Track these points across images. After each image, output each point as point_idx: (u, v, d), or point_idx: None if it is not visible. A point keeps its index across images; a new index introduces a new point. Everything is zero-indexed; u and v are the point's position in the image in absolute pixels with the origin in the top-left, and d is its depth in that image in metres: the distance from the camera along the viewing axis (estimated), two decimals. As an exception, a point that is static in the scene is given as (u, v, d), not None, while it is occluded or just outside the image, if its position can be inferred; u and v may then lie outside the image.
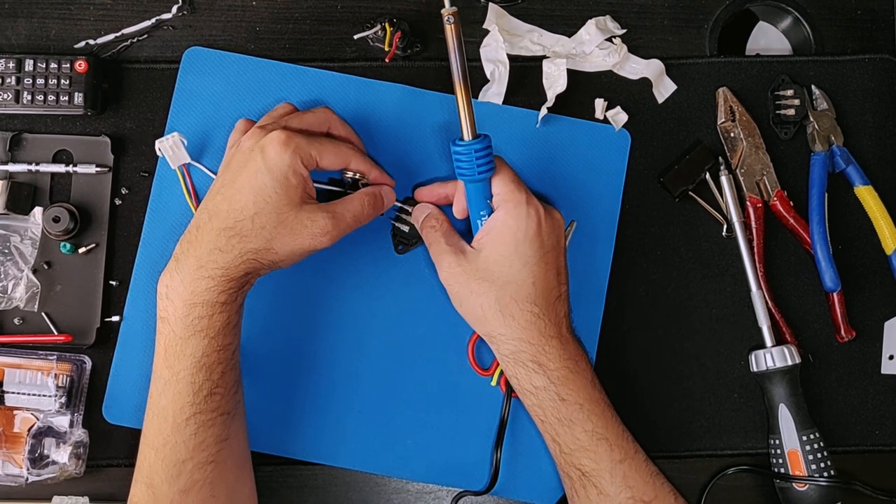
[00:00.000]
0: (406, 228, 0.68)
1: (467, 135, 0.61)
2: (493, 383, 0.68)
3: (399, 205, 0.68)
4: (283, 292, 0.68)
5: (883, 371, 0.73)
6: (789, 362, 0.69)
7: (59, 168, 0.69)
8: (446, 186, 0.67)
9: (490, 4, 0.73)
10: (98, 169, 0.69)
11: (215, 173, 0.68)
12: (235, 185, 0.59)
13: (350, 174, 0.65)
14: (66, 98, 0.68)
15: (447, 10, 0.59)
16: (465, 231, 0.66)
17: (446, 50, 0.59)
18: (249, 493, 0.63)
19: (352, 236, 0.68)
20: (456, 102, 0.60)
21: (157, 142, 0.66)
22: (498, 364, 0.68)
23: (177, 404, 0.58)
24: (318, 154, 0.60)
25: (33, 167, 0.69)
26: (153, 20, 0.72)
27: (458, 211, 0.66)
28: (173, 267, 0.59)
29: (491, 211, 0.63)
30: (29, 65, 0.68)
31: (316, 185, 0.63)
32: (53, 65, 0.68)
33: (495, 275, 0.61)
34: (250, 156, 0.59)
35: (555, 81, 0.70)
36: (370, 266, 0.69)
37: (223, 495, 0.59)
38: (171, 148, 0.66)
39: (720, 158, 0.73)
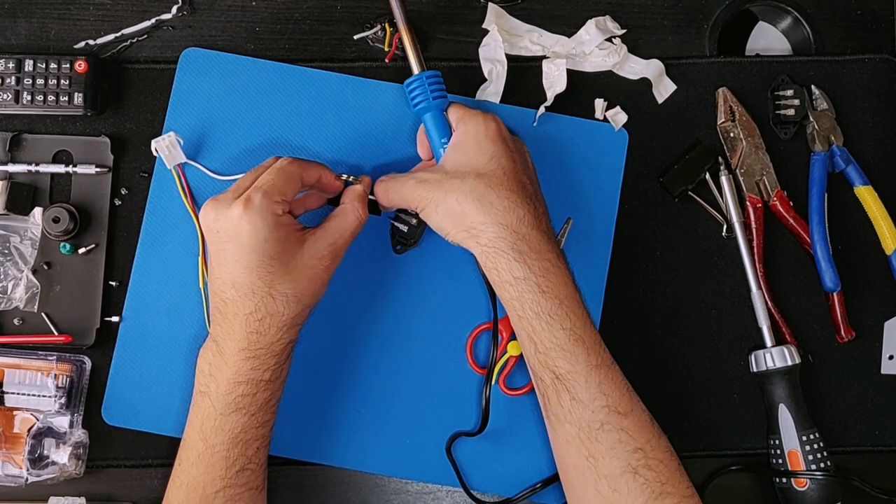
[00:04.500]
0: (405, 228, 0.68)
1: (417, 69, 0.65)
2: (492, 382, 0.68)
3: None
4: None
5: (883, 371, 0.72)
6: (789, 362, 0.69)
7: (59, 168, 0.69)
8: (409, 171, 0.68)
9: (490, 4, 0.73)
10: (98, 169, 0.69)
11: (214, 172, 0.68)
12: (228, 269, 0.57)
13: (344, 176, 0.65)
14: (66, 98, 0.68)
15: None
16: None
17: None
18: None
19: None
20: (403, 44, 0.65)
21: (153, 141, 0.66)
22: (496, 363, 0.68)
23: (209, 476, 0.57)
24: (280, 193, 0.58)
25: (33, 167, 0.69)
26: (153, 20, 0.72)
27: (423, 151, 0.67)
28: (215, 348, 0.59)
29: (451, 135, 0.64)
30: (29, 65, 0.68)
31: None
32: (53, 65, 0.68)
33: (466, 171, 0.61)
34: (221, 238, 0.57)
35: (554, 82, 0.70)
36: (369, 266, 0.69)
37: None
38: (167, 147, 0.67)
39: (720, 158, 0.73)
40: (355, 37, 0.72)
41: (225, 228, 0.57)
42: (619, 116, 0.72)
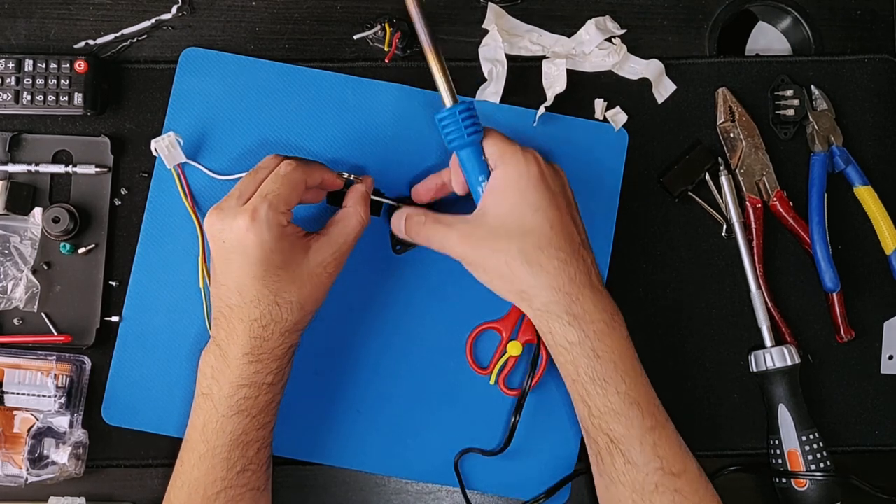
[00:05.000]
0: None
1: (448, 101, 0.61)
2: (492, 382, 0.68)
3: (397, 204, 0.68)
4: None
5: (882, 371, 0.72)
6: (789, 362, 0.69)
7: (59, 168, 0.69)
8: (441, 175, 0.65)
9: (489, 4, 0.73)
10: (98, 169, 0.69)
11: (214, 171, 0.68)
12: (234, 278, 0.58)
13: (346, 174, 0.65)
14: (66, 98, 0.68)
15: None
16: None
17: (412, 22, 0.60)
18: None
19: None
20: (431, 72, 0.60)
21: (153, 141, 0.66)
22: (496, 363, 0.68)
23: (210, 478, 0.58)
24: (285, 203, 0.58)
25: (33, 167, 0.69)
26: (153, 20, 0.72)
27: (458, 185, 0.63)
28: (217, 352, 0.59)
29: (489, 174, 0.61)
30: (29, 65, 0.68)
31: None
32: (53, 65, 0.68)
33: (511, 228, 0.59)
34: (226, 247, 0.57)
35: (554, 82, 0.70)
36: (369, 266, 0.69)
37: None
38: (166, 147, 0.67)
39: (720, 158, 0.73)
40: (355, 37, 0.72)
41: (230, 239, 0.57)
42: (619, 116, 0.72)
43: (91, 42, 0.72)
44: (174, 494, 0.59)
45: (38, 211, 0.68)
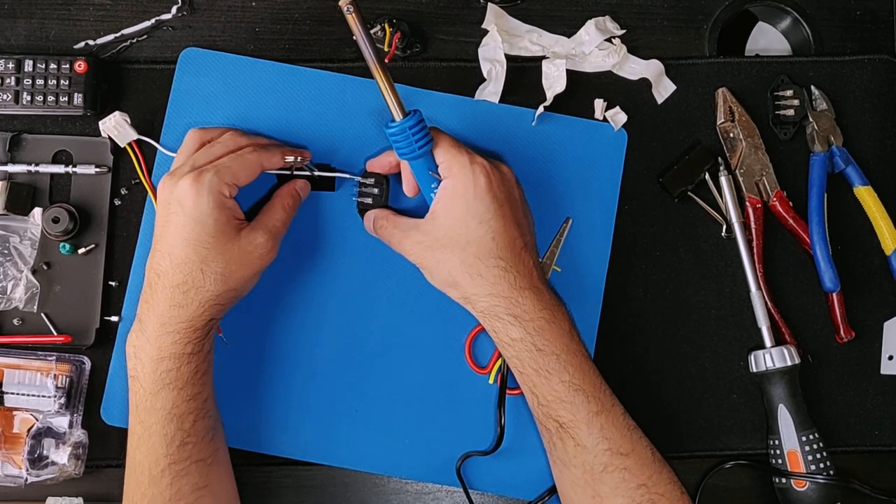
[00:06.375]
0: (370, 200, 0.68)
1: (397, 115, 0.61)
2: (491, 381, 0.68)
3: (358, 179, 0.68)
4: (281, 295, 0.68)
5: (882, 371, 0.72)
6: (788, 363, 0.69)
7: (59, 168, 0.69)
8: (393, 154, 0.66)
9: (489, 4, 0.73)
10: (97, 169, 0.69)
11: (167, 149, 0.68)
12: (169, 241, 0.59)
13: (290, 158, 0.66)
14: (66, 99, 0.68)
15: (343, 1, 0.59)
16: (420, 205, 0.66)
17: (354, 38, 0.60)
18: None
19: (348, 239, 0.69)
20: (378, 86, 0.61)
21: (100, 123, 0.67)
22: (495, 362, 0.68)
23: (151, 457, 0.59)
24: (233, 177, 0.60)
25: (33, 168, 0.69)
26: (153, 21, 0.72)
27: (409, 189, 0.66)
28: (138, 328, 0.60)
29: (440, 180, 0.63)
30: (28, 65, 0.68)
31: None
32: (53, 65, 0.68)
33: (454, 239, 0.61)
34: (170, 209, 0.59)
35: (554, 82, 0.70)
36: (367, 266, 0.69)
37: None
38: (114, 127, 0.67)
39: (719, 159, 0.73)
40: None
41: (173, 200, 0.59)
42: (618, 116, 0.72)
43: (91, 42, 0.72)
44: (126, 482, 0.61)
45: (38, 211, 0.68)
